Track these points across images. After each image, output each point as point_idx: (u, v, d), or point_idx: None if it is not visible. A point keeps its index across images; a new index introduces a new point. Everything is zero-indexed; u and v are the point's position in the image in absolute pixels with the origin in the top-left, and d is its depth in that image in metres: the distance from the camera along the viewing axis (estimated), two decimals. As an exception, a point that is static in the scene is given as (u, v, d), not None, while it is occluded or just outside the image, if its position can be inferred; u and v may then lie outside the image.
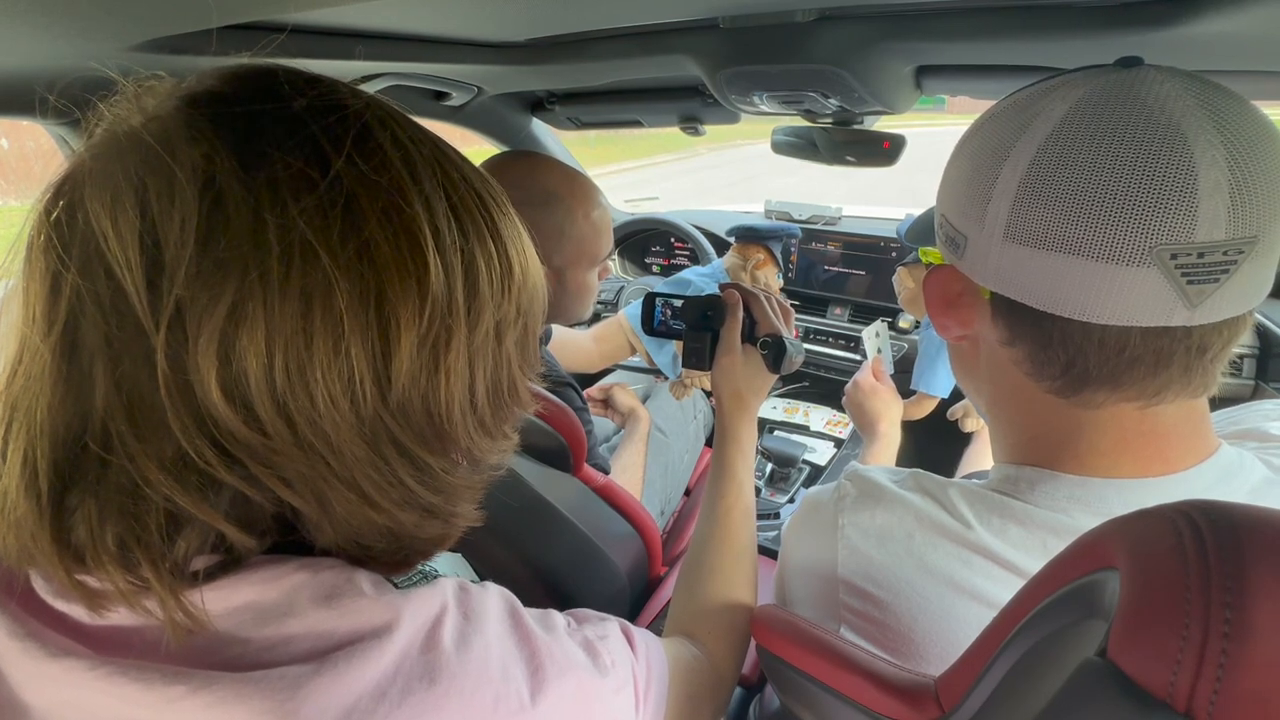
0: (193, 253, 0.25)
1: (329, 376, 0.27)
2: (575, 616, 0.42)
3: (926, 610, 0.42)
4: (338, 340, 0.27)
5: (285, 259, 0.26)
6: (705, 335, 0.69)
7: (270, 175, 0.26)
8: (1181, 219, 0.32)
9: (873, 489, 0.47)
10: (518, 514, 0.77)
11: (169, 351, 0.26)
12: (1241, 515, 0.22)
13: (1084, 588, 0.26)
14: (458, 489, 0.34)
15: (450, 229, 0.30)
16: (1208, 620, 0.20)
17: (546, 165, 0.87)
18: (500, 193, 0.35)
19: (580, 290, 0.89)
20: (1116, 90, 0.35)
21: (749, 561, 0.61)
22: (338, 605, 0.29)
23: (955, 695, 0.33)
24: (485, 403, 0.33)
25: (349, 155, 0.28)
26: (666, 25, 0.79)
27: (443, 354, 0.30)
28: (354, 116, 0.29)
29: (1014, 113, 0.38)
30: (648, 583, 1.00)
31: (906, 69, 0.80)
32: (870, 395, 0.93)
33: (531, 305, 0.35)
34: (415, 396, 0.29)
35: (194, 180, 0.26)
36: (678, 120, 1.23)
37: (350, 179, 0.27)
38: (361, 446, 0.29)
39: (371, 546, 0.32)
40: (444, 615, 0.31)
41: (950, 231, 0.42)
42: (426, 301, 0.29)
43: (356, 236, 0.27)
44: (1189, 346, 0.36)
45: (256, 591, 0.29)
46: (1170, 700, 0.21)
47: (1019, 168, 0.36)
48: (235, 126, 0.27)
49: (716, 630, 0.56)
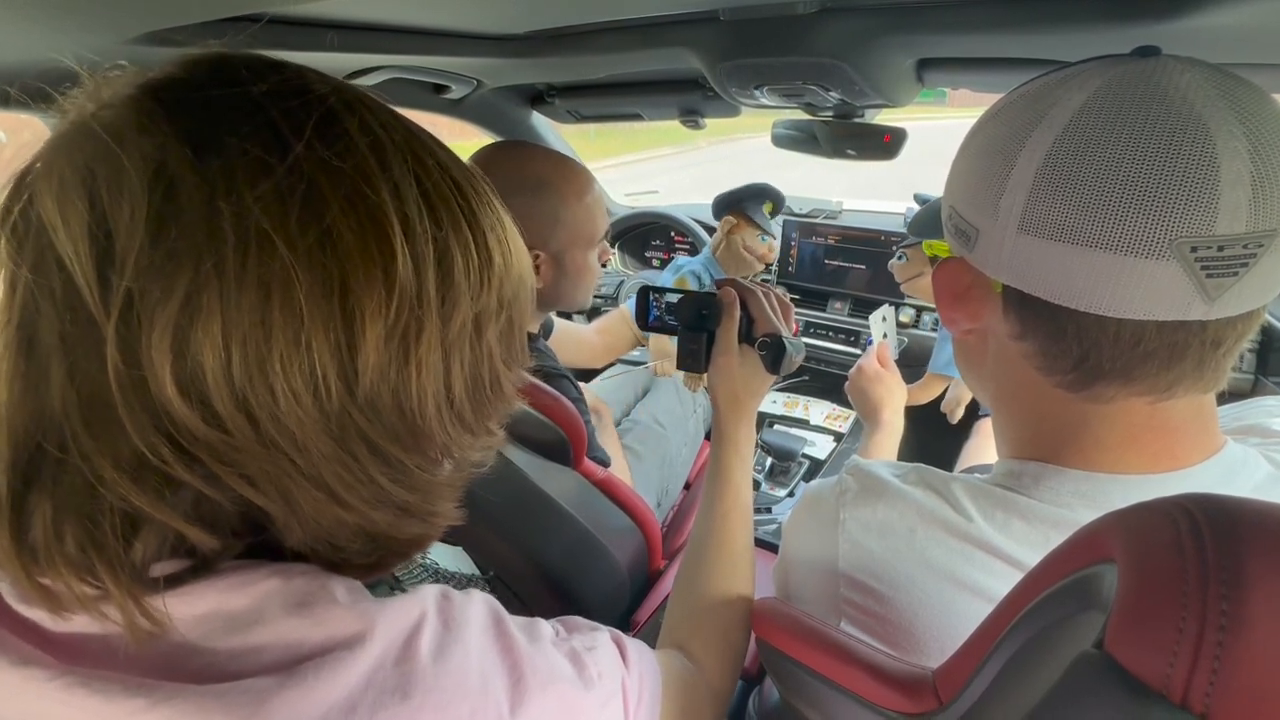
0: (143, 243, 0.24)
1: (290, 370, 0.26)
2: (565, 625, 0.41)
3: (927, 605, 0.42)
4: (298, 332, 0.26)
5: (241, 249, 0.25)
6: (701, 336, 0.65)
7: (225, 162, 0.25)
8: (1203, 211, 0.32)
9: (874, 483, 0.47)
10: (518, 508, 0.77)
11: (121, 345, 0.25)
12: (1239, 509, 0.22)
13: (1082, 581, 0.27)
14: (436, 487, 0.33)
15: (422, 217, 0.29)
16: (1204, 612, 0.21)
17: (535, 153, 0.87)
18: (482, 181, 0.33)
19: (580, 273, 0.89)
20: (1136, 80, 0.34)
21: (745, 570, 0.59)
22: (309, 613, 0.28)
23: (953, 687, 0.33)
24: (464, 397, 0.32)
25: (310, 140, 0.27)
26: (667, 18, 0.78)
27: (413, 347, 0.29)
28: (318, 101, 0.28)
29: (1029, 102, 0.38)
30: (648, 576, 1.01)
31: (908, 62, 0.80)
32: (874, 381, 0.90)
33: (516, 297, 0.34)
34: (385, 391, 0.28)
35: (144, 169, 0.25)
36: (678, 113, 1.23)
37: (311, 165, 0.26)
38: (328, 443, 0.28)
39: (345, 548, 0.31)
40: (422, 624, 0.31)
41: (960, 223, 0.41)
42: (394, 292, 0.27)
43: (317, 224, 0.26)
44: (1203, 340, 0.35)
45: (225, 598, 0.28)
46: (1166, 692, 0.21)
47: (1035, 158, 0.35)
48: (191, 113, 0.26)
49: (711, 645, 0.55)
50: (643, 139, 13.24)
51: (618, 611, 0.95)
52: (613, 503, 0.91)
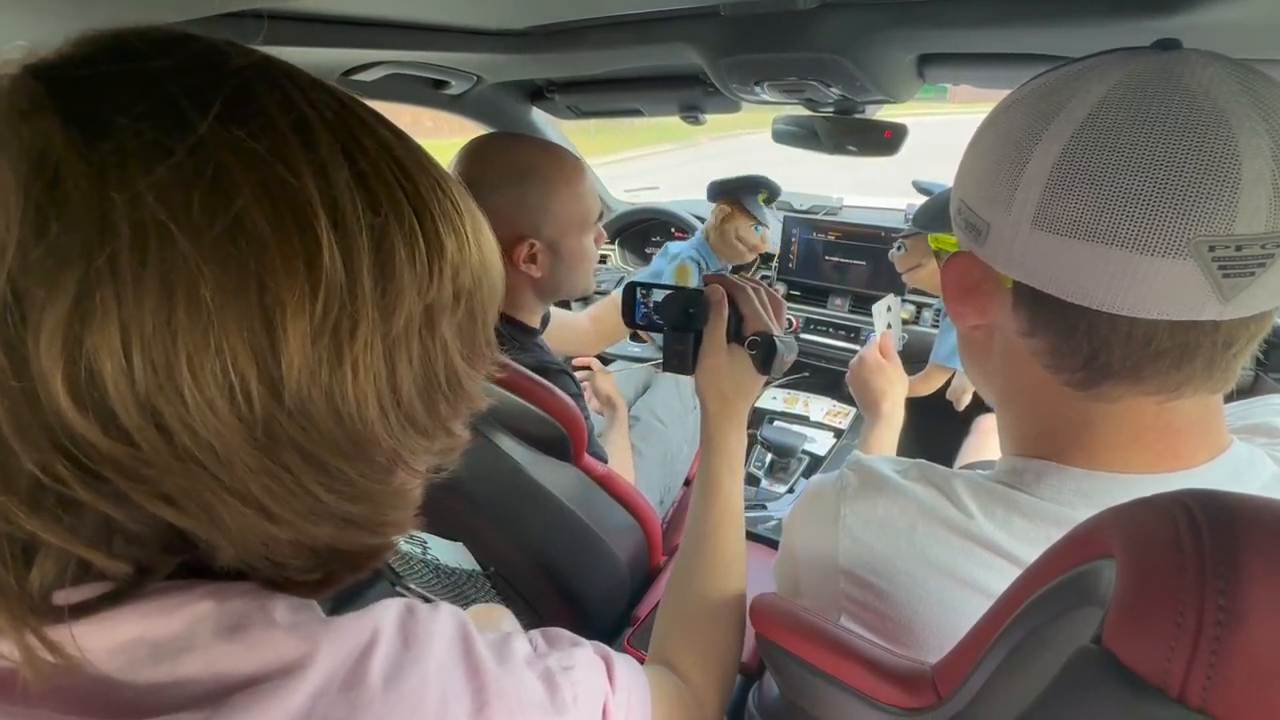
0: (22, 239, 0.22)
1: (202, 376, 0.23)
2: (547, 638, 0.39)
3: (927, 601, 0.42)
4: (207, 333, 0.23)
5: (138, 243, 0.22)
6: (688, 336, 0.61)
7: (117, 146, 0.23)
8: (1222, 210, 0.31)
9: (875, 479, 0.46)
10: (518, 504, 0.77)
11: (6, 352, 0.22)
12: (1237, 505, 0.23)
13: (1080, 576, 0.27)
14: (386, 496, 0.31)
15: (354, 202, 0.26)
16: (1202, 607, 0.21)
17: (519, 142, 0.86)
18: (434, 164, 0.30)
19: (577, 258, 0.89)
20: (1157, 73, 0.33)
21: (737, 583, 0.57)
22: (244, 638, 0.26)
23: (952, 682, 0.34)
24: (414, 398, 0.29)
25: (220, 119, 0.24)
26: (667, 13, 0.78)
27: (347, 345, 0.26)
28: (231, 75, 0.25)
29: (1045, 95, 0.37)
30: (648, 572, 1.01)
31: (909, 57, 0.79)
32: (875, 372, 0.88)
33: (477, 287, 0.31)
34: (317, 395, 0.26)
35: (22, 157, 0.22)
36: (678, 109, 1.22)
37: (218, 146, 0.24)
38: (254, 454, 0.25)
39: (285, 564, 0.28)
40: (375, 644, 0.29)
41: (971, 218, 0.40)
42: (319, 286, 0.25)
43: (225, 213, 0.23)
44: (1215, 341, 0.35)
45: (150, 624, 0.26)
46: (1164, 686, 0.21)
47: (1051, 152, 0.34)
48: (79, 93, 0.24)
49: (701, 662, 0.53)
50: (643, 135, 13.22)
51: (618, 607, 0.95)
52: (613, 499, 0.91)
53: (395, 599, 0.32)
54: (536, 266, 0.86)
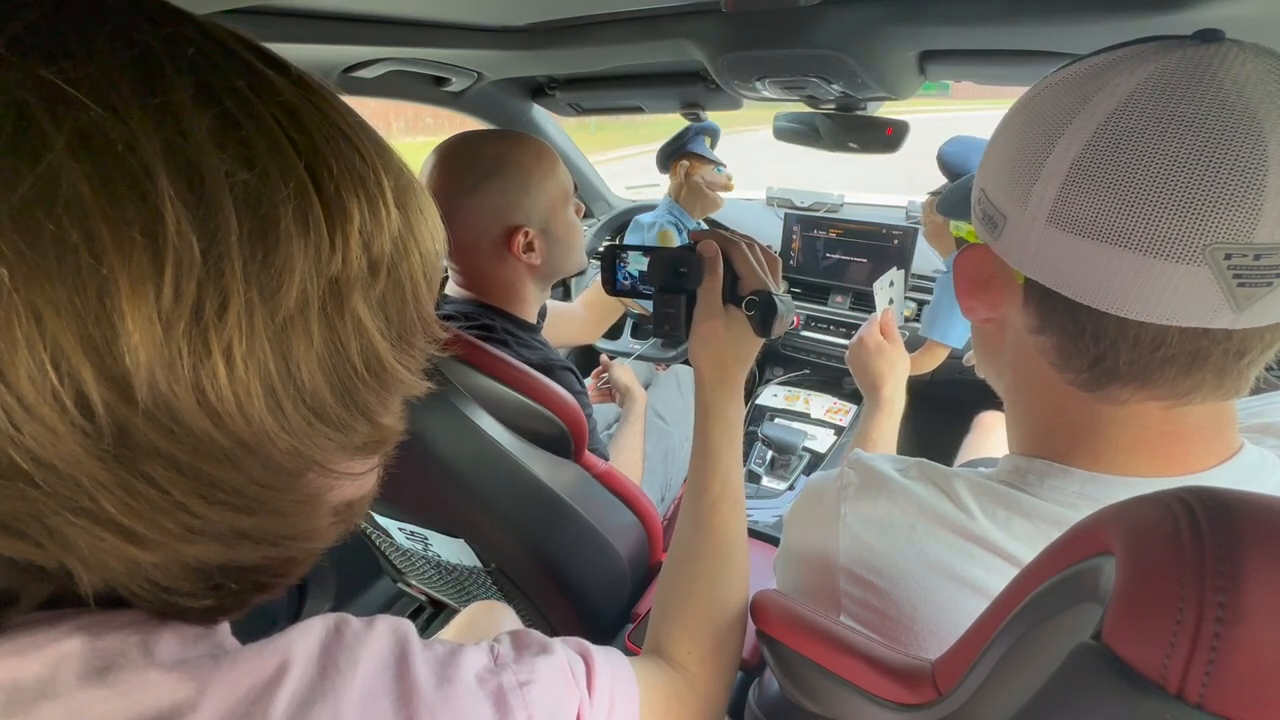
0: None
1: (17, 380, 0.19)
2: (515, 644, 0.36)
3: (927, 600, 0.42)
4: (11, 324, 0.19)
5: None
6: (679, 298, 0.56)
7: None
8: (1243, 217, 0.30)
9: (875, 477, 0.46)
10: (519, 500, 0.77)
11: None
12: (1237, 501, 0.23)
13: (1080, 573, 0.27)
14: (289, 504, 0.26)
15: (219, 156, 0.21)
16: (1202, 603, 0.21)
17: (483, 139, 0.86)
18: (348, 118, 0.26)
19: (567, 233, 0.90)
20: (1190, 68, 0.32)
21: (738, 564, 0.52)
22: (115, 681, 0.23)
23: (952, 678, 0.34)
24: (321, 388, 0.25)
25: (21, 56, 0.19)
26: (668, 9, 0.78)
27: (214, 330, 0.22)
28: (35, 5, 0.20)
29: (1073, 85, 0.35)
30: (648, 569, 1.01)
31: (910, 54, 0.79)
32: (875, 355, 0.83)
33: (403, 257, 0.27)
34: (181, 392, 0.21)
35: None
36: (679, 106, 1.22)
37: (23, 91, 0.19)
38: (103, 468, 0.21)
39: (173, 588, 0.24)
40: (280, 680, 0.25)
41: (989, 209, 0.39)
42: (164, 259, 0.20)
43: (30, 173, 0.19)
44: (1227, 349, 0.34)
45: (8, 666, 0.22)
46: (1163, 682, 0.21)
47: (1073, 147, 0.33)
48: None
49: (701, 651, 0.49)
50: (644, 132, 13.18)
51: (619, 604, 0.96)
52: (614, 496, 0.91)
53: (322, 618, 0.28)
54: (535, 254, 0.87)
